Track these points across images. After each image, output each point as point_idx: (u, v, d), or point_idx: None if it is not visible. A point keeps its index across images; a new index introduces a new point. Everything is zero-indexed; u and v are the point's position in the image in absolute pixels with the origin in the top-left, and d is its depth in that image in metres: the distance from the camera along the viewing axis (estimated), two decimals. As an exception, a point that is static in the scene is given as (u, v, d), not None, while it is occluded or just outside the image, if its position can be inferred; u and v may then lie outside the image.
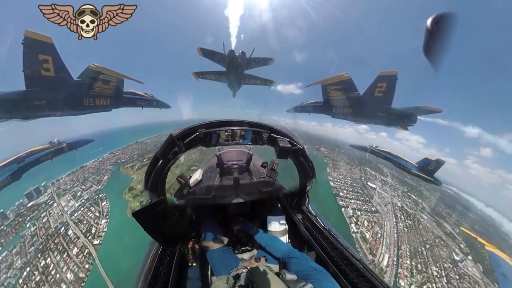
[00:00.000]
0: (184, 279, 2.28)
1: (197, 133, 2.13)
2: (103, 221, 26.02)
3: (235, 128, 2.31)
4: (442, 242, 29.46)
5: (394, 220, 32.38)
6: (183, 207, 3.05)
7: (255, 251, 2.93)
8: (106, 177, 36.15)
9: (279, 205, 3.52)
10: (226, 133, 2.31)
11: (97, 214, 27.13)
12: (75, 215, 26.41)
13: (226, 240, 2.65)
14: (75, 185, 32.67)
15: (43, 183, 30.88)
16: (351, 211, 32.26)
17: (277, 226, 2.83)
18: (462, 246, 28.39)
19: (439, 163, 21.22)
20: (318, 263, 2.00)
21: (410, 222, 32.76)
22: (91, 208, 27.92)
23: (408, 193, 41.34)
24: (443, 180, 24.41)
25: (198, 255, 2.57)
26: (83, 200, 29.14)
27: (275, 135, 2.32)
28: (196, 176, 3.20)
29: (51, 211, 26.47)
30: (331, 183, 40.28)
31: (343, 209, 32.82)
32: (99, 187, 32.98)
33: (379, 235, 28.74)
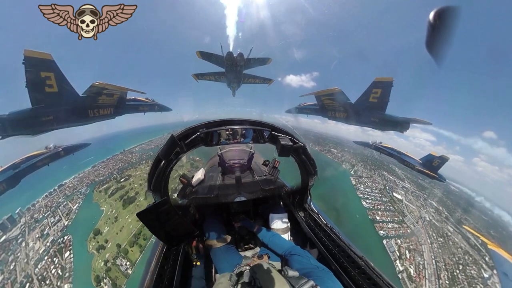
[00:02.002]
0: (188, 278, 2.31)
1: (198, 133, 2.15)
2: (66, 286, 24.33)
3: (236, 127, 2.32)
4: (470, 258, 30.48)
5: (429, 241, 33.45)
6: (186, 206, 3.07)
7: (258, 249, 2.94)
8: (76, 205, 34.98)
9: (281, 203, 3.53)
10: (227, 132, 2.32)
11: (60, 272, 25.25)
12: (39, 266, 25.26)
13: (229, 238, 2.67)
14: (46, 214, 32.09)
15: (18, 209, 30.58)
16: (394, 245, 31.95)
17: (279, 223, 2.84)
18: (487, 259, 29.08)
19: (443, 160, 21.06)
20: (320, 260, 2.00)
21: (441, 239, 33.93)
22: (54, 259, 26.41)
23: (429, 200, 42.32)
24: (448, 177, 24.29)
25: (202, 254, 2.60)
26: (47, 243, 27.91)
27: (276, 133, 2.32)
28: (199, 175, 3.23)
29: (18, 255, 25.74)
30: (363, 203, 40.39)
31: (384, 241, 32.44)
32: (67, 222, 31.88)
33: (421, 267, 29.62)
